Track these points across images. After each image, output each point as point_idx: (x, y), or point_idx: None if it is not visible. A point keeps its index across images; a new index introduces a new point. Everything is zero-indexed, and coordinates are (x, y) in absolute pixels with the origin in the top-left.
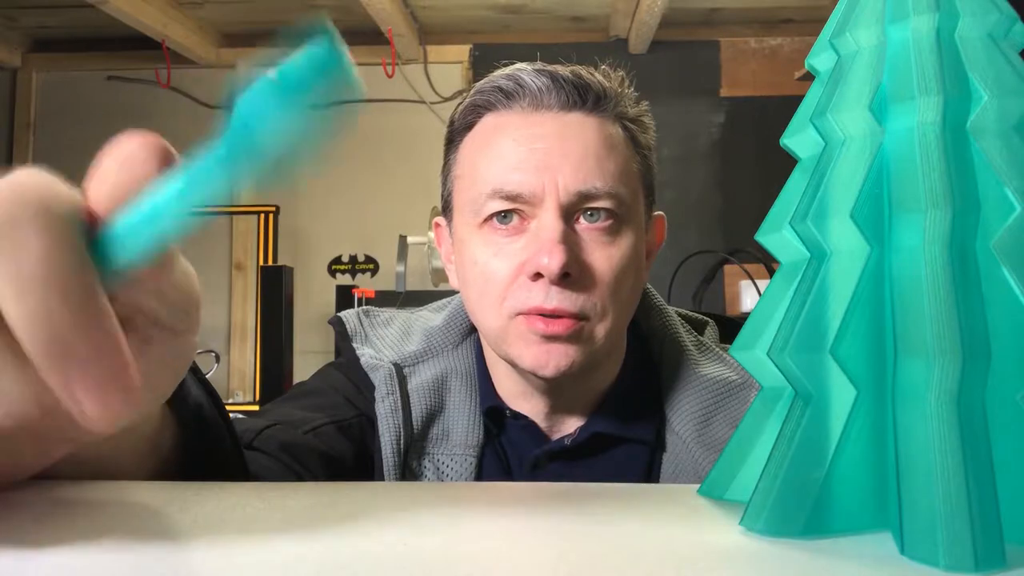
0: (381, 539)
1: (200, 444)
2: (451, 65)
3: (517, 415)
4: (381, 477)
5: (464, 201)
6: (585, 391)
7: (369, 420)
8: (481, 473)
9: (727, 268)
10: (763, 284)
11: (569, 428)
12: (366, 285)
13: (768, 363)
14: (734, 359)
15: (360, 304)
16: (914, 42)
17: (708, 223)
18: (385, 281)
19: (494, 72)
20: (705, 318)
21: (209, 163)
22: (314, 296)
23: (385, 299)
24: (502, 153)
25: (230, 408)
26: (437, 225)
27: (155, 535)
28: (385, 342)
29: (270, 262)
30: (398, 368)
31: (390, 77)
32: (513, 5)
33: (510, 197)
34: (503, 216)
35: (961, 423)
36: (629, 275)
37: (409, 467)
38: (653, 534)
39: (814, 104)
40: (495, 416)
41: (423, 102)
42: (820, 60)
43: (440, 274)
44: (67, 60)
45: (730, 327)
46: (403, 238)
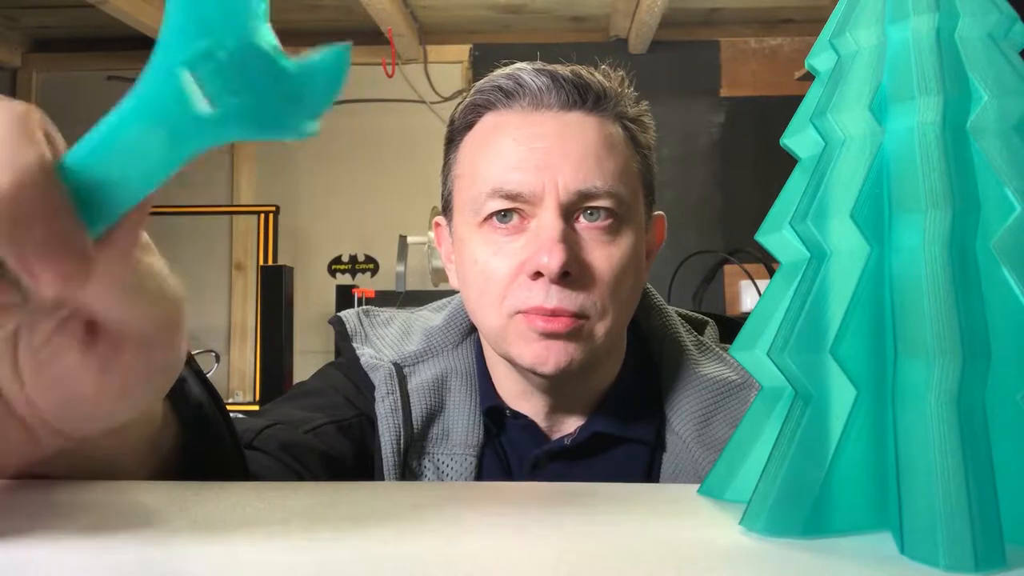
0: (381, 539)
1: (201, 443)
2: (451, 65)
3: (517, 415)
4: (381, 477)
5: (464, 200)
6: (585, 391)
7: (369, 420)
8: (481, 473)
9: (727, 268)
10: (763, 284)
11: (569, 428)
12: (366, 285)
13: (768, 363)
14: (734, 359)
15: (360, 304)
16: (914, 42)
17: (708, 223)
18: (385, 281)
19: (494, 72)
20: (705, 318)
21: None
22: (314, 296)
23: (385, 299)
24: (502, 152)
25: (230, 408)
26: (437, 225)
27: (155, 535)
28: (385, 342)
29: (270, 262)
30: (398, 368)
31: (390, 77)
32: (513, 5)
33: (510, 196)
34: (503, 215)
35: (961, 423)
36: (629, 274)
37: (409, 467)
38: (653, 534)
39: (814, 104)
40: (495, 416)
41: (423, 102)
42: (820, 60)
43: (440, 274)
44: (67, 60)
45: (730, 327)
46: (403, 238)
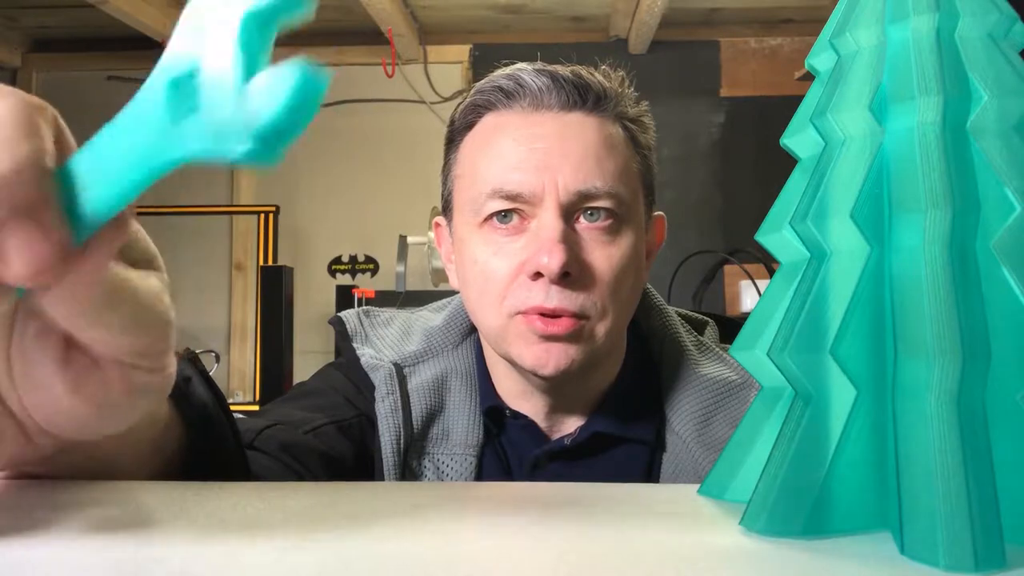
0: (381, 539)
1: (205, 444)
2: (451, 65)
3: (517, 415)
4: (381, 477)
5: (464, 200)
6: (585, 391)
7: (369, 420)
8: (481, 473)
9: (727, 268)
10: (763, 284)
11: (569, 428)
12: (366, 285)
13: (768, 363)
14: (734, 359)
15: (360, 304)
16: (914, 42)
17: (708, 223)
18: (385, 281)
19: (494, 72)
20: (705, 318)
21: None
22: (314, 296)
23: (385, 299)
24: (502, 153)
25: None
26: (437, 225)
27: (155, 535)
28: (385, 342)
29: (270, 262)
30: (398, 368)
31: (390, 77)
32: (513, 5)
33: (510, 197)
34: (503, 215)
35: (961, 423)
36: (629, 274)
37: (409, 467)
38: (653, 534)
39: (814, 104)
40: (495, 416)
41: (423, 102)
42: (820, 60)
43: (440, 274)
44: (67, 60)
45: (730, 327)
46: (403, 238)
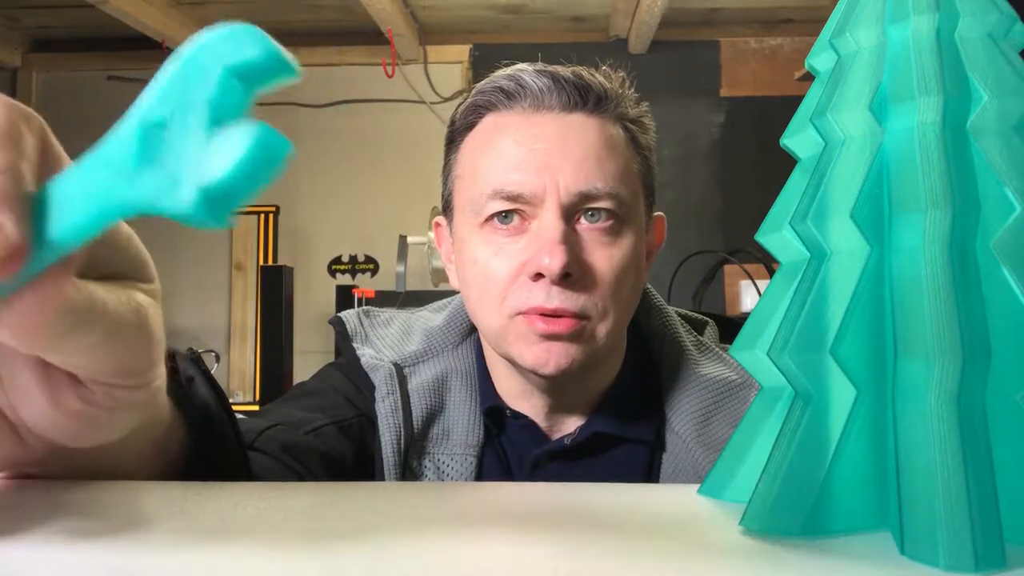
0: (381, 539)
1: (207, 444)
2: (451, 65)
3: (517, 415)
4: (381, 477)
5: (465, 201)
6: (585, 391)
7: (369, 420)
8: (481, 473)
9: (727, 268)
10: (763, 284)
11: (569, 428)
12: (366, 285)
13: (768, 363)
14: (734, 359)
15: (360, 304)
16: (914, 42)
17: (708, 223)
18: (385, 281)
19: (495, 72)
20: (705, 318)
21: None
22: (314, 296)
23: (385, 299)
24: (503, 153)
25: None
26: (437, 225)
27: (155, 535)
28: (385, 342)
29: (270, 262)
30: (398, 368)
31: (390, 77)
32: (513, 5)
33: (511, 197)
34: (504, 216)
35: (961, 423)
36: (630, 275)
37: (409, 467)
38: (653, 534)
39: (814, 104)
40: (495, 416)
41: (423, 102)
42: (820, 60)
43: (440, 274)
44: (67, 60)
45: (730, 327)
46: (403, 238)
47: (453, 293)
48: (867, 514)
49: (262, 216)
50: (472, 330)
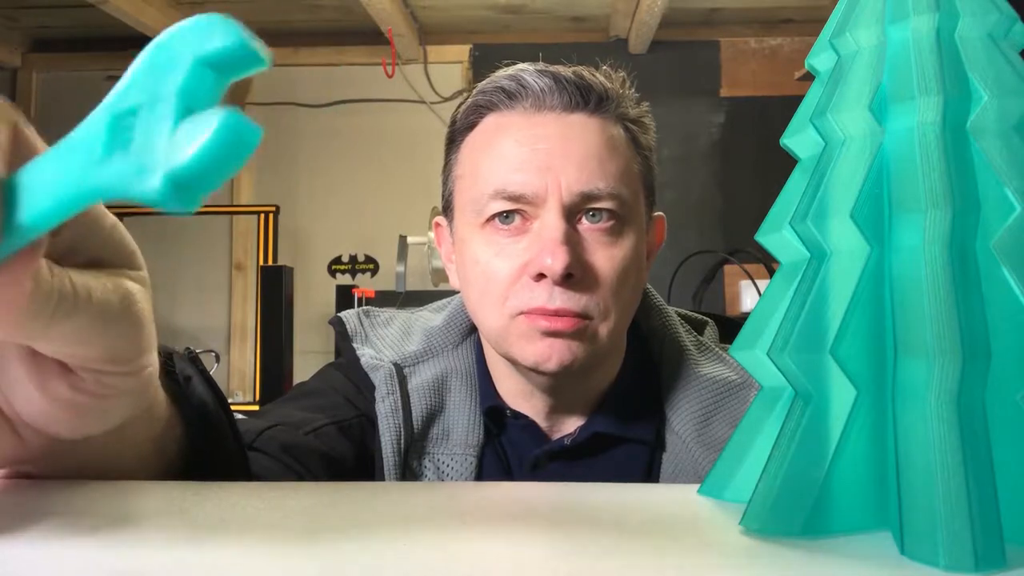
0: (381, 539)
1: (204, 443)
2: (451, 65)
3: (517, 415)
4: (381, 477)
5: (466, 201)
6: (585, 391)
7: (369, 420)
8: (481, 473)
9: (727, 268)
10: (763, 284)
11: (569, 428)
12: (366, 285)
13: (768, 363)
14: (734, 359)
15: (360, 304)
16: (914, 42)
17: (708, 223)
18: (385, 281)
19: (496, 72)
20: (705, 318)
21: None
22: (314, 296)
23: (385, 299)
24: (504, 153)
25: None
26: (437, 225)
27: (155, 535)
28: (385, 342)
29: (270, 262)
30: (398, 368)
31: (390, 77)
32: (513, 5)
33: (513, 198)
34: (505, 216)
35: (961, 423)
36: (631, 275)
37: (409, 467)
38: (653, 534)
39: (814, 104)
40: (495, 416)
41: (423, 102)
42: (820, 60)
43: (440, 274)
44: (67, 60)
45: (730, 327)
46: (403, 238)
47: (453, 293)
48: (867, 514)
49: (262, 216)
50: (472, 330)
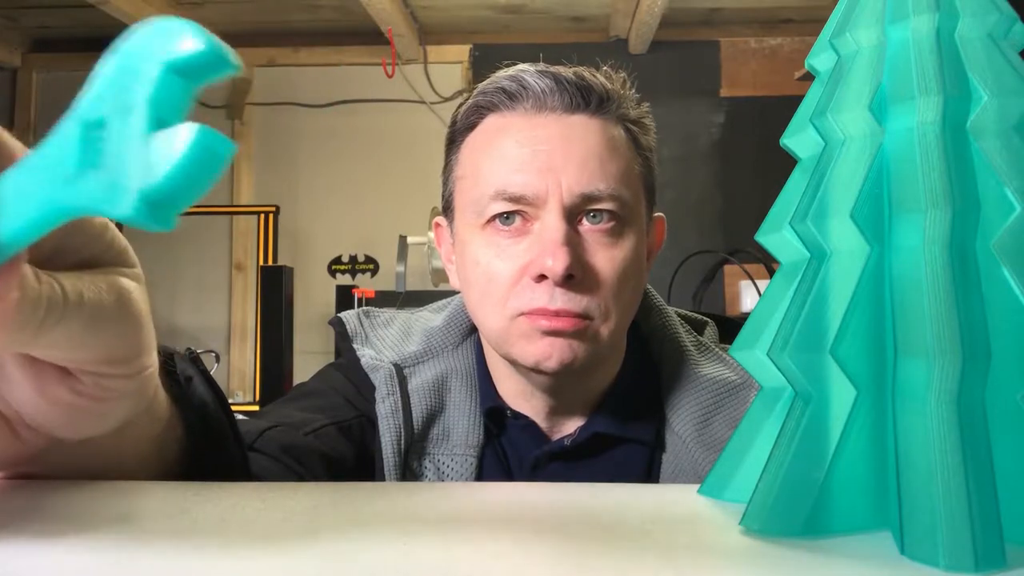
0: (381, 540)
1: (205, 443)
2: (451, 65)
3: (517, 415)
4: (382, 477)
5: (466, 202)
6: (585, 391)
7: (370, 421)
8: (481, 473)
9: (727, 268)
10: (763, 284)
11: (569, 428)
12: (366, 285)
13: (768, 363)
14: (734, 359)
15: (360, 304)
16: (914, 42)
17: (708, 223)
18: (385, 281)
19: (497, 73)
20: (705, 318)
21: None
22: (314, 296)
23: (385, 299)
24: (505, 154)
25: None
26: (437, 225)
27: (154, 535)
28: (385, 343)
29: (270, 262)
30: (398, 369)
31: (390, 77)
32: (513, 5)
33: (513, 199)
34: (506, 217)
35: (961, 423)
36: (631, 276)
37: (410, 467)
38: (653, 534)
39: (814, 104)
40: (495, 416)
41: (423, 102)
42: (820, 60)
43: (440, 274)
44: (67, 60)
45: (730, 327)
46: (403, 238)
47: (453, 293)
48: (867, 514)
49: (262, 216)
50: (472, 330)
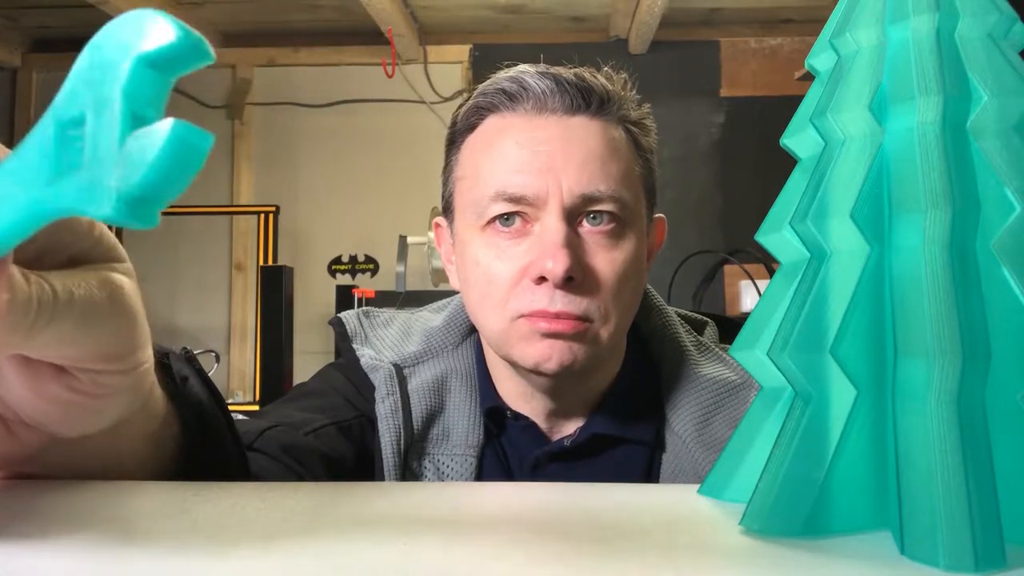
0: (381, 540)
1: (201, 440)
2: (451, 65)
3: (517, 416)
4: (381, 477)
5: (466, 203)
6: (585, 392)
7: (369, 421)
8: (481, 473)
9: (727, 268)
10: (763, 284)
11: (569, 429)
12: (366, 285)
13: (768, 363)
14: (734, 359)
15: (360, 304)
16: (914, 42)
17: (708, 223)
18: (385, 281)
19: (497, 73)
20: (705, 318)
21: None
22: (314, 296)
23: (385, 299)
24: (505, 155)
25: (230, 408)
26: (437, 225)
27: (154, 535)
28: (385, 343)
29: (270, 262)
30: (398, 369)
31: (390, 77)
32: (513, 5)
33: (514, 200)
34: (506, 218)
35: (961, 423)
36: (631, 277)
37: (409, 467)
38: (653, 534)
39: (814, 104)
40: (495, 416)
41: (423, 102)
42: (820, 60)
43: (440, 274)
44: (67, 60)
45: (730, 327)
46: (403, 238)
47: (453, 293)
48: (867, 514)
49: (262, 216)
50: (472, 330)
